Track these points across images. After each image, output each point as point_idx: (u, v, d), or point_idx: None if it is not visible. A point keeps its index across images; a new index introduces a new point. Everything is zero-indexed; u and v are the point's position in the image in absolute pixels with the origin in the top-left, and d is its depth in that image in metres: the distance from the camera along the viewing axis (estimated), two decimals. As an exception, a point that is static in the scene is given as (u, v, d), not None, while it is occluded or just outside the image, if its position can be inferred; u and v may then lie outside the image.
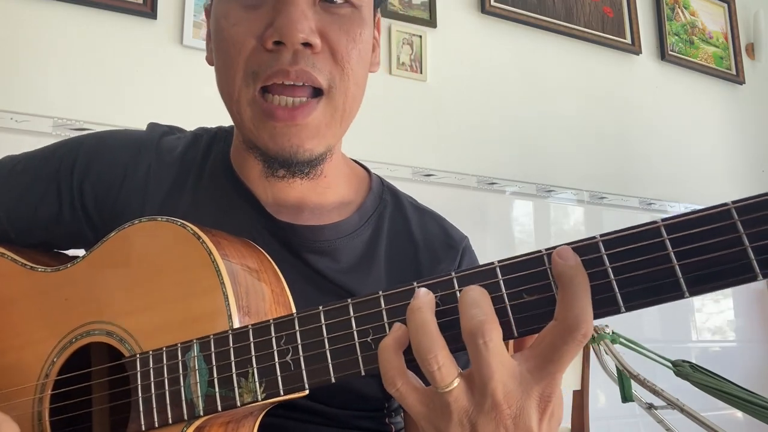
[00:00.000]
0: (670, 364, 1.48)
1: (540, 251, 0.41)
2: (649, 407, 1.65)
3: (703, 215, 0.38)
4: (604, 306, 0.39)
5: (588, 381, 1.64)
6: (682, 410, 1.49)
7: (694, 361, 1.46)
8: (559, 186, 2.24)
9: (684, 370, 1.44)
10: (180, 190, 0.68)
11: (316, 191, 0.67)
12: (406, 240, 0.70)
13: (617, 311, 0.39)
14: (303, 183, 0.64)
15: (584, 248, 0.40)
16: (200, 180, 0.68)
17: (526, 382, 0.39)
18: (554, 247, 0.41)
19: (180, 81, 1.69)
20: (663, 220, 0.38)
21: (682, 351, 2.32)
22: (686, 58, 2.62)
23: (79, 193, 0.67)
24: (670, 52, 2.57)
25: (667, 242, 0.38)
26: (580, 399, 1.62)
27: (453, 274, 0.43)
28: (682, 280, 0.38)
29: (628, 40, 2.47)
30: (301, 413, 0.62)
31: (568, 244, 0.41)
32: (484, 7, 2.17)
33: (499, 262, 0.42)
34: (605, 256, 0.39)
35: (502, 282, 0.41)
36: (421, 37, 2.06)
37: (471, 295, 0.40)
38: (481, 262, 0.74)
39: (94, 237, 0.68)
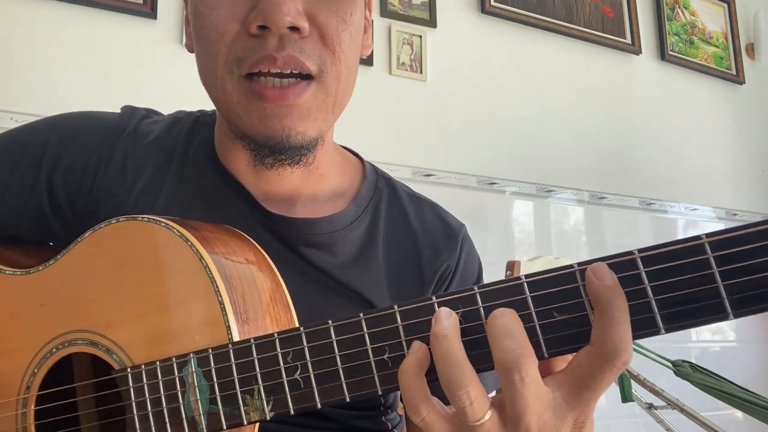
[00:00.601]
0: (670, 364, 1.48)
1: (572, 266, 0.38)
2: (649, 407, 1.65)
3: (749, 232, 0.35)
4: (643, 327, 0.37)
5: (588, 381, 1.63)
6: (682, 410, 1.49)
7: (694, 361, 1.46)
8: (559, 186, 2.24)
9: (684, 370, 1.44)
10: (161, 178, 0.64)
11: (308, 182, 0.64)
12: (404, 231, 0.68)
13: (656, 333, 0.37)
14: (294, 173, 0.62)
15: (621, 264, 0.37)
16: (183, 168, 0.64)
17: (560, 409, 0.37)
18: (587, 262, 0.38)
19: (180, 81, 1.69)
20: (707, 236, 0.36)
21: (682, 351, 2.32)
22: (686, 58, 2.62)
23: (47, 186, 0.62)
24: (670, 52, 2.57)
25: (712, 260, 0.35)
26: (580, 399, 1.62)
27: (476, 289, 0.40)
28: (726, 301, 0.35)
29: (628, 40, 2.47)
30: (297, 416, 0.61)
31: (603, 259, 0.38)
32: (484, 7, 2.17)
33: (526, 277, 0.39)
34: (644, 274, 0.37)
35: (530, 299, 0.38)
36: (421, 37, 2.06)
37: (503, 323, 0.37)
38: (482, 263, 0.75)
39: (64, 232, 0.64)
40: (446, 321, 0.39)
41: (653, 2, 2.61)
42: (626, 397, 1.50)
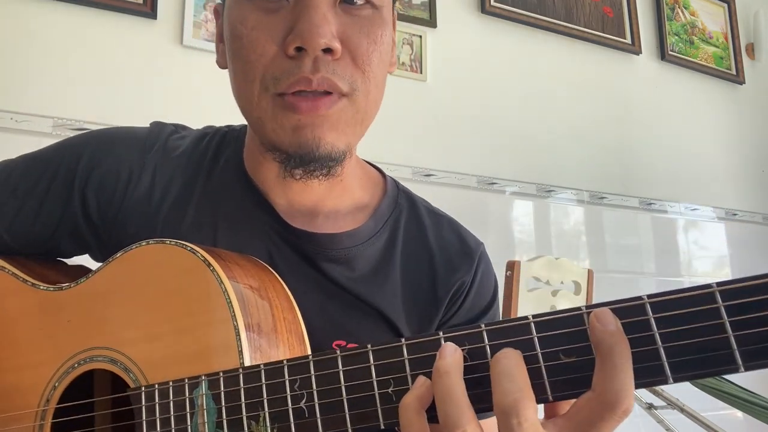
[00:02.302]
0: (670, 364, 1.47)
1: (580, 309, 0.38)
2: (649, 407, 1.65)
3: (762, 282, 0.34)
4: (651, 375, 0.36)
5: (588, 381, 1.63)
6: (682, 410, 1.49)
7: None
8: (559, 186, 2.24)
9: (684, 370, 1.44)
10: (189, 192, 0.65)
11: (332, 194, 0.65)
12: (421, 247, 0.68)
13: (664, 382, 0.36)
14: (321, 185, 0.63)
15: (629, 309, 0.37)
16: (209, 183, 0.66)
17: None
18: (595, 306, 0.37)
19: (180, 81, 1.69)
20: (718, 284, 0.35)
21: (682, 351, 2.32)
22: (686, 58, 2.62)
23: (81, 201, 0.64)
24: (670, 52, 2.57)
25: (722, 310, 0.35)
26: (580, 399, 1.62)
27: (483, 326, 0.40)
28: (737, 352, 0.34)
29: (628, 40, 2.47)
30: None
31: (611, 303, 0.37)
32: (484, 7, 2.17)
33: (533, 317, 0.39)
34: (653, 320, 0.36)
35: (536, 340, 0.38)
36: (421, 37, 2.06)
37: (505, 365, 0.37)
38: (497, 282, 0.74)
39: (97, 245, 0.66)
40: (449, 357, 0.38)
41: (653, 2, 2.61)
42: (626, 397, 1.50)
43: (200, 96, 1.66)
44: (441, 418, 0.38)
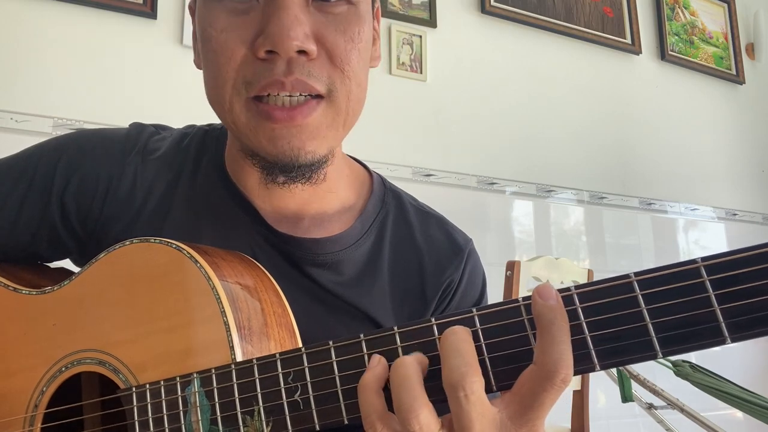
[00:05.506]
0: (670, 364, 1.48)
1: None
2: (649, 407, 1.65)
3: (745, 256, 0.35)
4: (641, 351, 0.37)
5: (588, 381, 1.64)
6: (682, 410, 1.49)
7: (694, 361, 1.46)
8: (559, 186, 2.24)
9: (684, 370, 1.44)
10: (171, 195, 0.64)
11: (317, 196, 0.64)
12: (409, 247, 0.68)
13: (654, 356, 0.36)
14: (304, 189, 0.61)
15: (617, 288, 0.38)
16: (193, 184, 0.64)
17: (506, 429, 0.38)
18: (582, 286, 0.39)
19: (180, 81, 1.69)
20: (703, 259, 0.36)
21: (682, 351, 2.32)
22: (686, 58, 2.62)
23: (59, 208, 0.63)
24: (670, 52, 2.57)
25: (708, 284, 0.35)
26: (580, 399, 1.63)
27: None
28: (723, 325, 0.35)
29: (628, 40, 2.47)
30: None
31: (598, 282, 0.38)
32: (484, 7, 2.17)
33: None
34: (640, 297, 0.37)
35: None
36: (421, 37, 2.06)
37: (453, 341, 0.38)
38: (482, 263, 0.74)
39: (79, 251, 0.65)
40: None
41: (653, 2, 2.61)
42: (626, 397, 1.50)
43: (200, 96, 1.66)
44: (395, 404, 0.38)
